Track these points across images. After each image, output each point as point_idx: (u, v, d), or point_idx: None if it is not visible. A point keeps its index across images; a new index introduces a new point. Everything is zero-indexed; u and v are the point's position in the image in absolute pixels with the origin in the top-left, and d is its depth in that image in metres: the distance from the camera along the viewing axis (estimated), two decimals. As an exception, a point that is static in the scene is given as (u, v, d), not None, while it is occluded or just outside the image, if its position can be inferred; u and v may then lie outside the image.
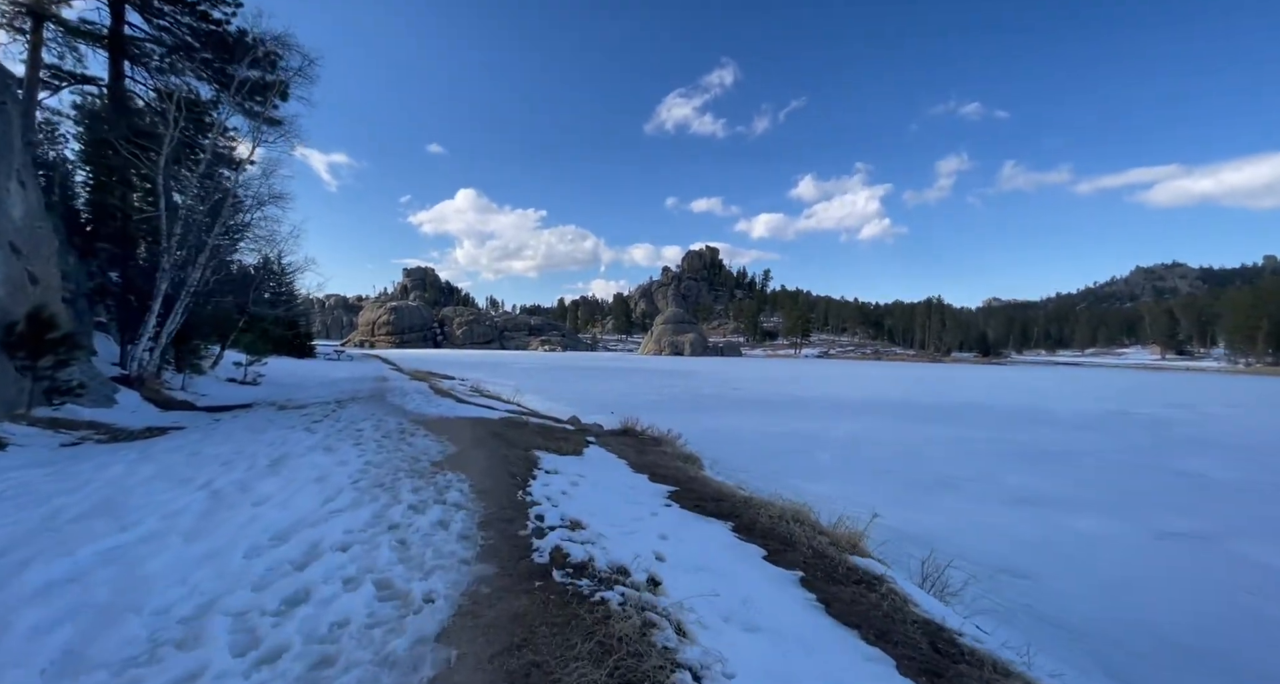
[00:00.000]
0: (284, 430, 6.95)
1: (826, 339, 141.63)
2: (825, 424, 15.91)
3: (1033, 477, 9.69)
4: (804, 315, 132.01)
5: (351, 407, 10.14)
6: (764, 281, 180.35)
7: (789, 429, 14.84)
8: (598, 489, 4.93)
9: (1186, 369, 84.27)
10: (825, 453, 11.75)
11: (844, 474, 9.82)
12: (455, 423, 8.06)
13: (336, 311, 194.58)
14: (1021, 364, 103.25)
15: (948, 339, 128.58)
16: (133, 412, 9.20)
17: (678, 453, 8.25)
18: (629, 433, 9.86)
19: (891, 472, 10.05)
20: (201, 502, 3.55)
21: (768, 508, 5.06)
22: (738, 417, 17.28)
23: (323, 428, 7.23)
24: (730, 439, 12.93)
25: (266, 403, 11.55)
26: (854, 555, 4.21)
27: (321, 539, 2.91)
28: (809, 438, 13.44)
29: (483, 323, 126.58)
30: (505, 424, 8.49)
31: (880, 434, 14.18)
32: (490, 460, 5.19)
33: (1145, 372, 73.79)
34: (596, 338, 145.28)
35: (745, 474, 9.43)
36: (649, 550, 3.34)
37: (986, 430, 15.08)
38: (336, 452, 5.46)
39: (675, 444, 9.27)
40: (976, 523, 7.09)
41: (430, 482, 4.36)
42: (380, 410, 9.48)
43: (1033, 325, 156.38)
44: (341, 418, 8.38)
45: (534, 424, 9.11)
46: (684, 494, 5.31)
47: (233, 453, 5.27)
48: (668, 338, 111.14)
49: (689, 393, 25.64)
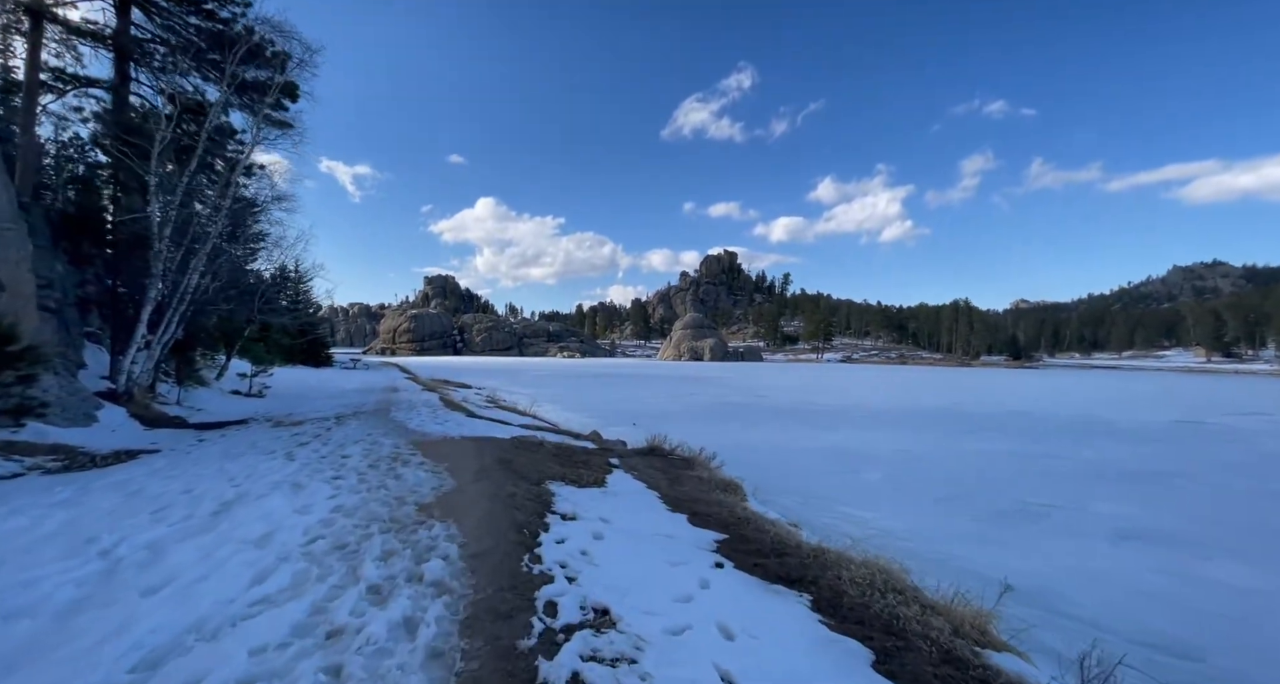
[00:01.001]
0: (261, 456, 6.03)
1: (849, 343, 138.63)
2: (866, 437, 14.60)
3: (1127, 504, 8.32)
4: (826, 319, 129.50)
5: (350, 423, 9.23)
6: (783, 285, 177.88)
7: (828, 443, 13.58)
8: (628, 543, 3.84)
9: (1235, 372, 79.99)
10: (874, 472, 10.50)
11: (902, 499, 8.58)
12: (459, 445, 7.06)
13: (360, 320, 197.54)
14: (1055, 368, 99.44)
15: (976, 342, 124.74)
16: (112, 431, 8.40)
17: (714, 479, 7.12)
18: (656, 452, 8.77)
19: (957, 497, 8.77)
20: (77, 585, 2.57)
21: (845, 566, 3.92)
22: (770, 429, 16.05)
23: (306, 453, 6.30)
24: (766, 456, 11.74)
25: (264, 418, 10.74)
26: (987, 649, 3.05)
27: (209, 671, 1.87)
28: (853, 454, 12.17)
29: (501, 329, 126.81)
30: (517, 446, 7.46)
31: (929, 449, 12.84)
32: (493, 502, 4.15)
33: (1193, 376, 70.09)
34: (615, 344, 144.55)
35: (790, 498, 8.27)
36: (709, 667, 2.24)
37: (1046, 444, 13.61)
38: (305, 489, 4.48)
39: (710, 467, 8.14)
40: (1084, 569, 5.81)
41: (409, 540, 3.34)
42: (379, 429, 8.55)
43: (1065, 327, 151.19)
44: (333, 439, 7.46)
45: (550, 444, 8.07)
46: (736, 545, 4.19)
47: (180, 491, 4.33)
48: (687, 343, 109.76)
49: (714, 401, 24.43)
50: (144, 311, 9.86)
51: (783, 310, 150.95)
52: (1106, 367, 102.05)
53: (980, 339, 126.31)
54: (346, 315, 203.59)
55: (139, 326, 9.84)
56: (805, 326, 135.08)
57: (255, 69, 16.46)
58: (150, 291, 9.85)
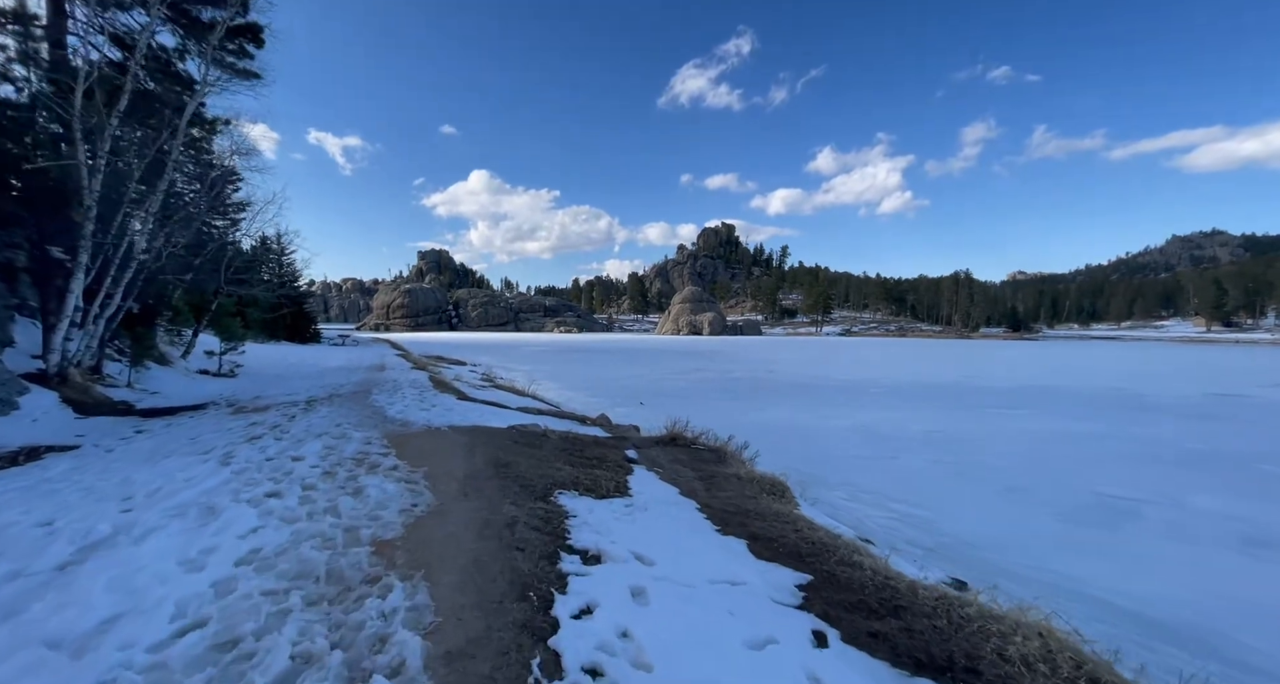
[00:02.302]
0: (192, 458, 4.75)
1: (848, 316, 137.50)
2: (893, 416, 13.45)
3: (1227, 497, 7.17)
4: (825, 292, 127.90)
5: (320, 409, 7.94)
6: (781, 258, 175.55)
7: (854, 423, 12.42)
8: (683, 604, 2.60)
9: (1237, 342, 79.40)
10: (915, 457, 9.35)
11: (961, 492, 7.43)
12: (446, 439, 5.79)
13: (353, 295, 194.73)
14: (1055, 339, 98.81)
15: (976, 314, 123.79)
16: (34, 421, 7.09)
17: (754, 476, 5.90)
18: (678, 441, 7.54)
19: (1022, 488, 7.62)
20: None
21: (996, 630, 2.69)
22: (788, 407, 14.88)
23: (251, 452, 5.02)
24: (793, 440, 10.56)
25: (226, 403, 9.43)
26: None
27: None
28: (885, 436, 11.01)
29: (497, 304, 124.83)
30: (516, 438, 6.19)
31: (968, 429, 11.70)
32: (483, 539, 2.89)
33: (1196, 346, 69.34)
34: (613, 318, 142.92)
35: (835, 493, 7.10)
36: None
37: (1090, 422, 12.48)
38: (219, 517, 3.19)
39: (743, 460, 6.92)
40: (1229, 592, 4.65)
41: (346, 623, 2.08)
42: (353, 416, 7.26)
43: (1063, 298, 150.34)
44: (292, 431, 6.18)
45: (556, 434, 6.81)
46: (828, 594, 2.97)
47: (36, 523, 3.06)
48: (686, 317, 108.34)
49: (721, 377, 23.26)
50: (74, 280, 8.43)
51: (781, 284, 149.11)
52: (1106, 337, 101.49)
53: (980, 311, 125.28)
54: (340, 290, 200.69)
55: (69, 297, 8.42)
56: (804, 300, 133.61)
57: (212, 7, 14.62)
58: (81, 256, 8.40)
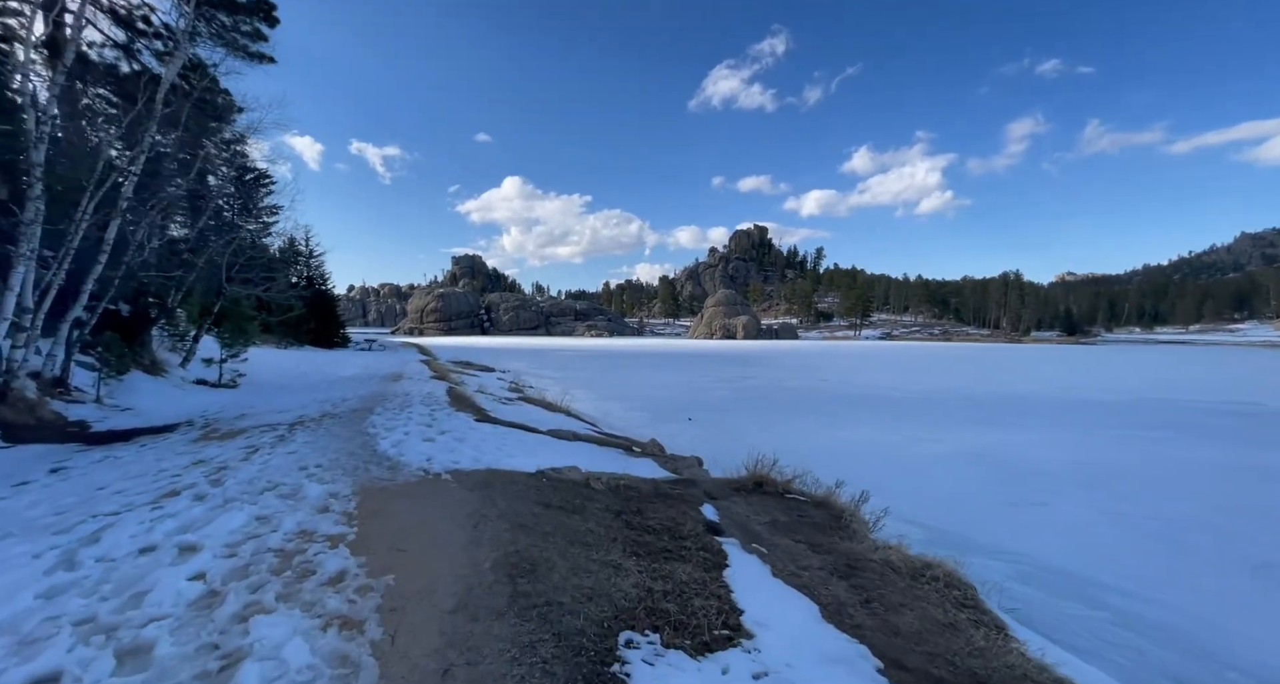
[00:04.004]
0: (22, 548, 2.98)
1: (888, 319, 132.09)
2: (999, 437, 11.01)
3: None
4: (864, 294, 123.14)
5: (298, 437, 6.15)
6: (816, 260, 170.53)
7: (958, 447, 10.07)
8: None
9: (1332, 347, 71.81)
10: (1067, 502, 7.00)
11: (1188, 571, 5.09)
12: (444, 496, 3.89)
13: (390, 300, 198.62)
14: (1117, 343, 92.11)
15: (1027, 317, 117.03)
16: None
17: (908, 562, 3.79)
18: (764, 487, 5.47)
19: (1274, 564, 5.24)
20: None
21: None
22: (863, 424, 12.58)
23: (136, 527, 3.21)
24: (891, 472, 8.31)
25: (201, 423, 7.81)
26: None
27: None
28: (1009, 469, 8.65)
29: (528, 308, 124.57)
30: (548, 495, 4.23)
31: (1109, 457, 9.21)
32: None
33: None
34: (643, 322, 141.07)
35: (994, 562, 4.91)
36: None
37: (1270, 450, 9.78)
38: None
39: (864, 520, 4.80)
40: None
41: None
42: (330, 451, 5.43)
43: (1121, 300, 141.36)
44: (238, 476, 4.38)
45: (602, 483, 4.82)
46: None
47: None
48: (719, 321, 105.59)
49: (771, 386, 20.96)
50: (14, 276, 6.91)
51: (816, 286, 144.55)
52: (1174, 342, 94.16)
53: (1031, 314, 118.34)
54: (378, 295, 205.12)
55: (8, 295, 6.90)
56: (842, 302, 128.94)
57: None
58: (22, 246, 6.88)
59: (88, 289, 8.29)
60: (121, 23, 12.69)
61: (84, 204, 7.81)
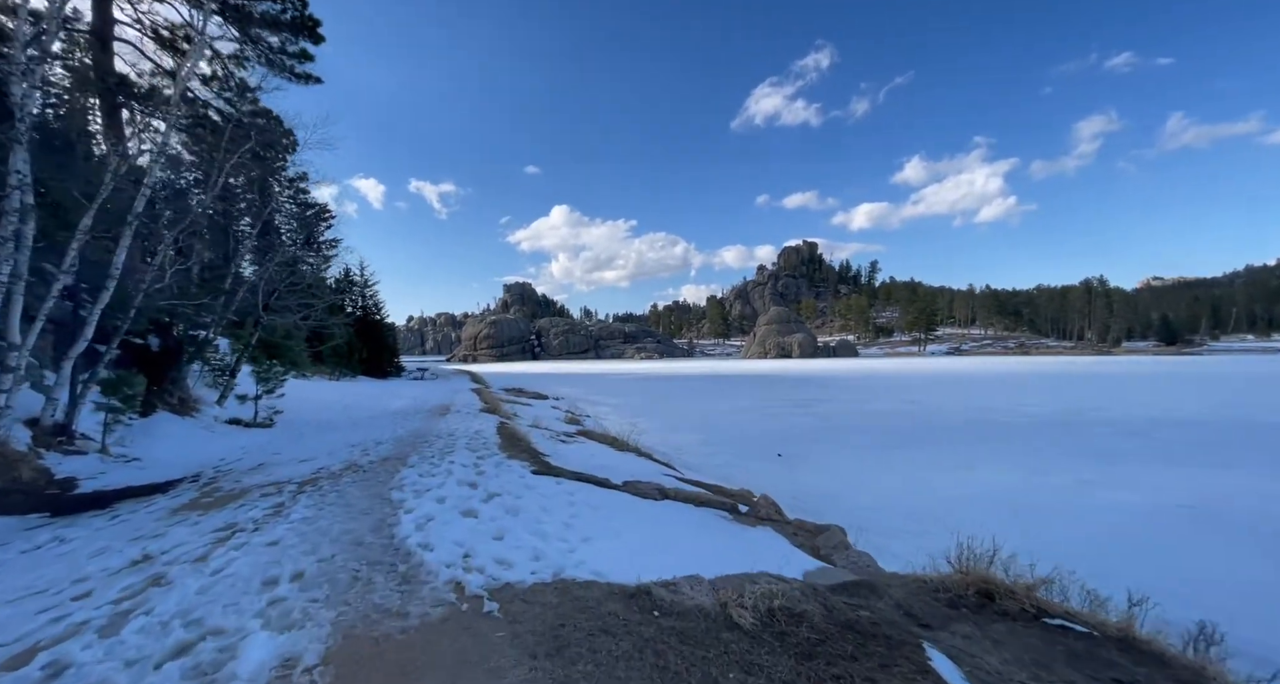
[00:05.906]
0: None
1: (954, 333, 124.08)
2: (1202, 480, 8.31)
3: None
4: (928, 308, 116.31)
5: (297, 511, 4.56)
6: (871, 274, 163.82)
7: (1162, 498, 7.50)
8: None
9: None
10: None
11: None
12: (485, 653, 2.10)
13: (445, 328, 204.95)
14: (1227, 353, 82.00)
15: (1116, 327, 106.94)
16: None
17: None
18: (996, 600, 3.37)
19: None
20: None
21: None
22: (993, 458, 10.07)
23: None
24: (1089, 541, 5.96)
25: (206, 479, 6.46)
26: None
27: None
28: (1259, 534, 6.10)
29: (578, 332, 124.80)
30: (663, 647, 2.37)
31: None
32: None
33: None
34: (692, 343, 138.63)
35: None
36: None
37: None
38: None
39: (1226, 680, 2.64)
40: None
41: None
42: (326, 541, 3.76)
43: (1227, 305, 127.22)
44: (176, 594, 2.83)
45: (745, 607, 2.91)
46: None
47: None
48: (773, 339, 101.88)
49: (854, 410, 18.42)
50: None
51: (873, 301, 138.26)
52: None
53: (1119, 323, 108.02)
54: (434, 325, 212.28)
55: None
56: (903, 317, 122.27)
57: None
58: (2, 266, 5.76)
59: (93, 321, 7.20)
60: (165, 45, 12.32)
61: (84, 225, 6.75)
